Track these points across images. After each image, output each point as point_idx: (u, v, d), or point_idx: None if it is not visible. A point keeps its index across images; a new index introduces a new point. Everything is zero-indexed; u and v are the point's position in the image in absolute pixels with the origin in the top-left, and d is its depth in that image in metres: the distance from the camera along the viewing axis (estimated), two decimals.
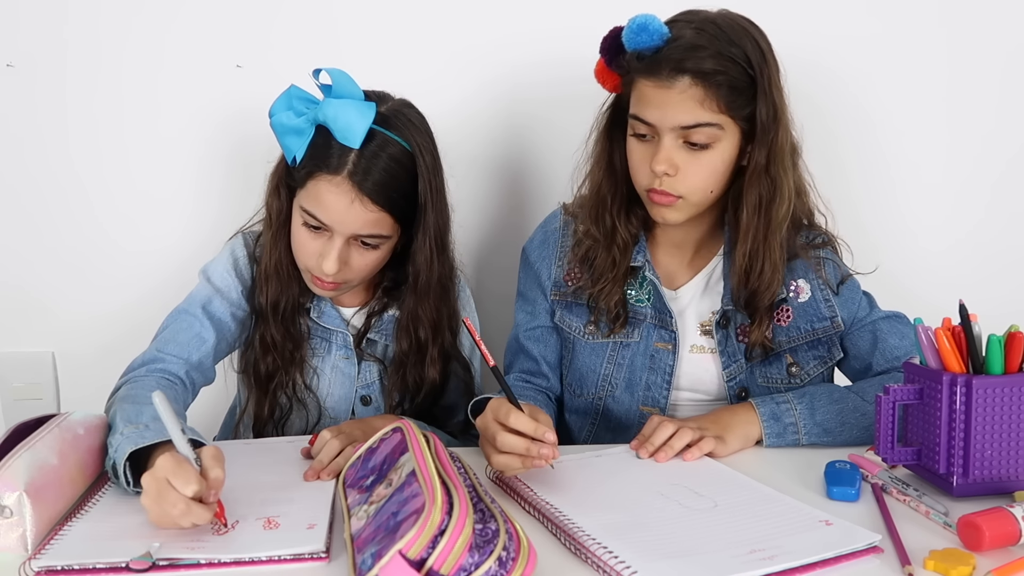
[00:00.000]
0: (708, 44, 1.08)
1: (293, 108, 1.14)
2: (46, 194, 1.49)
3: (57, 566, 0.77)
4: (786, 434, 1.10)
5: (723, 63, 1.08)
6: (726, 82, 1.08)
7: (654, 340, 1.23)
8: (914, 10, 1.55)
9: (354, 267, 1.18)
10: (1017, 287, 1.62)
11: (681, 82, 1.08)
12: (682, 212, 1.16)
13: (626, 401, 1.25)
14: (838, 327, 1.21)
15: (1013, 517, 0.80)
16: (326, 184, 1.12)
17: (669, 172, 1.11)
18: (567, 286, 1.27)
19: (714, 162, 1.12)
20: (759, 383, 1.22)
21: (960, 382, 0.90)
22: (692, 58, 1.07)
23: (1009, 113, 1.59)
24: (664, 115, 1.10)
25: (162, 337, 1.18)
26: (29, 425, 0.93)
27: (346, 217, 1.13)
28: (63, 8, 1.44)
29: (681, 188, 1.13)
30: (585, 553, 0.79)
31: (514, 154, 1.57)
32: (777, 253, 1.16)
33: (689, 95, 1.08)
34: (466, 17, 1.50)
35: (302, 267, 1.21)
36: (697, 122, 1.09)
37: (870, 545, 0.79)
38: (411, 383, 1.27)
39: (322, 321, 1.27)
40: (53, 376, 1.56)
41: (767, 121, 1.11)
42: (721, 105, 1.09)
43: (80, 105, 1.47)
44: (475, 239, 1.59)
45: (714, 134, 1.10)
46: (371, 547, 0.72)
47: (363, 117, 1.11)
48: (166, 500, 0.81)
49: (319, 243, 1.16)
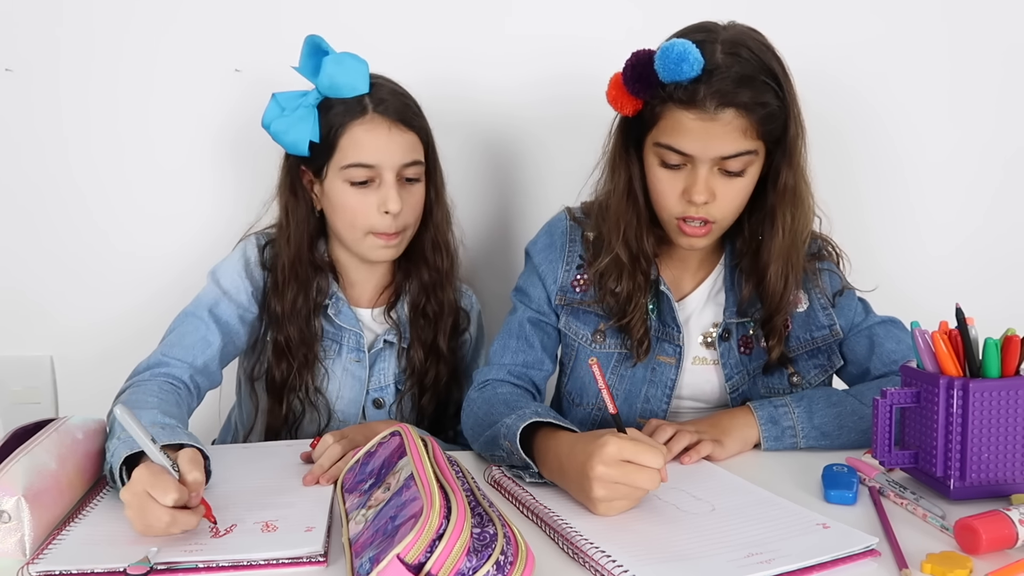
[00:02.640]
0: (751, 73, 1.05)
1: (285, 108, 1.19)
2: (45, 198, 1.50)
3: (55, 571, 0.77)
4: (784, 437, 1.10)
5: (764, 92, 1.06)
6: (766, 111, 1.06)
7: (656, 353, 1.22)
8: (912, 16, 1.55)
9: (408, 208, 1.22)
10: (1014, 292, 1.62)
11: (725, 114, 1.05)
12: (711, 237, 1.15)
13: (624, 412, 1.23)
14: (837, 335, 1.21)
15: (1010, 520, 0.80)
16: (360, 128, 1.18)
17: (708, 200, 1.09)
18: (575, 292, 1.24)
19: (747, 187, 1.12)
20: (762, 393, 1.22)
21: (957, 385, 0.90)
22: (741, 91, 1.04)
23: (1009, 118, 1.59)
24: (706, 147, 1.07)
25: (168, 340, 1.19)
26: (28, 429, 0.93)
27: (390, 145, 1.19)
28: (59, 12, 1.44)
29: (716, 214, 1.11)
30: (581, 556, 0.79)
31: (515, 156, 1.57)
32: (799, 271, 1.18)
33: (734, 126, 1.06)
34: (467, 22, 1.50)
35: (360, 234, 1.22)
36: (738, 151, 1.07)
37: (867, 548, 0.79)
38: (427, 370, 1.29)
39: (339, 319, 1.27)
40: (51, 380, 1.55)
41: (794, 139, 1.10)
42: (760, 131, 1.07)
43: (78, 108, 1.47)
44: (475, 241, 1.59)
45: (750, 160, 1.09)
46: (369, 551, 0.72)
47: (360, 63, 1.19)
48: (149, 513, 0.80)
49: (372, 195, 1.20)
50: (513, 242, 1.58)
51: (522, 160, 1.57)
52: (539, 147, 1.55)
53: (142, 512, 0.81)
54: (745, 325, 1.21)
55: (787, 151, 1.11)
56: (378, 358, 1.30)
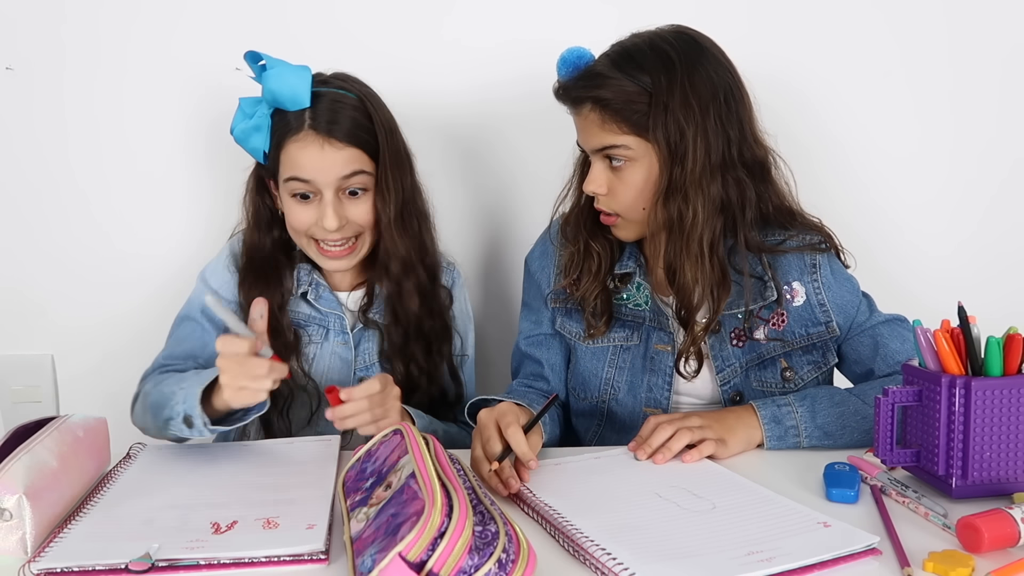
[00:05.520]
0: (607, 72, 1.13)
1: (247, 114, 1.21)
2: (44, 197, 1.50)
3: (57, 568, 0.77)
4: (787, 437, 1.10)
5: (614, 91, 1.12)
6: (624, 106, 1.12)
7: (654, 342, 1.25)
8: (917, 14, 1.55)
9: (354, 220, 1.22)
10: (1016, 290, 1.62)
11: (584, 107, 1.15)
12: (627, 230, 1.21)
13: (629, 403, 1.26)
14: (833, 332, 1.21)
15: (1012, 519, 0.80)
16: (295, 145, 1.18)
17: (599, 191, 1.17)
18: (565, 293, 1.29)
19: (635, 180, 1.15)
20: (754, 387, 1.22)
21: (959, 384, 0.90)
22: (588, 87, 1.14)
23: (1011, 117, 1.59)
24: (583, 139, 1.19)
25: (169, 345, 1.26)
26: (29, 428, 0.93)
27: (323, 163, 1.18)
28: (61, 11, 1.44)
29: (616, 206, 1.18)
30: (583, 555, 0.79)
31: (516, 160, 1.57)
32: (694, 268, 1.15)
33: (591, 120, 1.15)
34: (466, 24, 1.51)
35: (306, 243, 1.25)
36: (604, 144, 1.15)
37: (868, 547, 0.79)
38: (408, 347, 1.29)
39: (319, 304, 1.29)
40: (52, 379, 1.56)
41: (675, 137, 1.12)
42: (623, 127, 1.13)
43: (78, 108, 1.48)
44: (475, 244, 1.59)
45: (627, 154, 1.14)
46: (371, 549, 0.72)
47: (300, 75, 1.18)
48: (248, 366, 0.99)
49: (312, 210, 1.21)
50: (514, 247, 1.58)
51: (523, 165, 1.57)
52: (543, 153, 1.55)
53: (242, 366, 0.99)
54: (737, 317, 1.22)
55: (673, 151, 1.12)
56: (361, 338, 1.31)
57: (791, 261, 1.21)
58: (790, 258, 1.21)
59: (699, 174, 1.12)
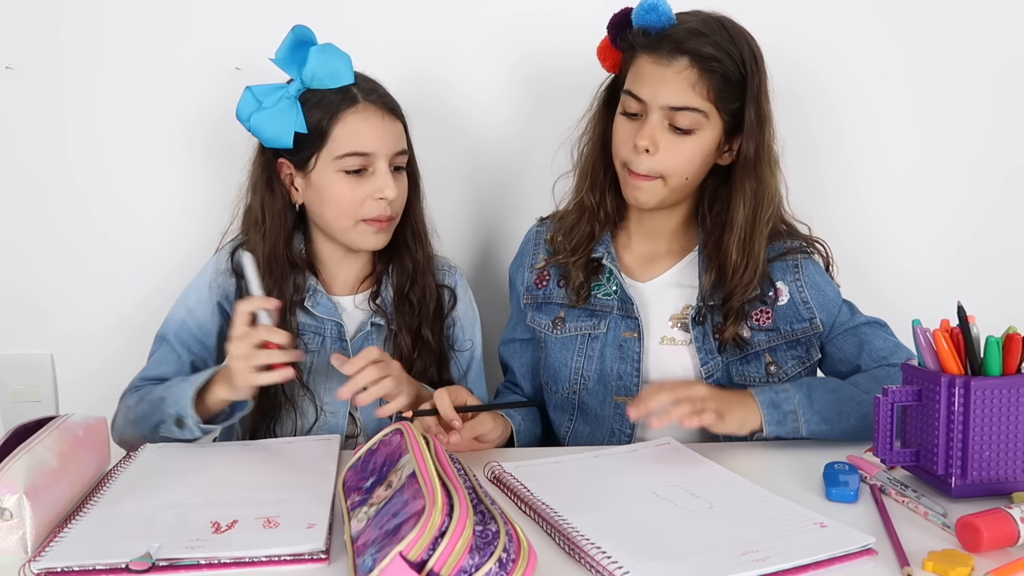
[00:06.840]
0: (710, 33, 1.13)
1: (262, 102, 1.19)
2: (43, 196, 1.50)
3: (57, 568, 0.77)
4: (786, 422, 1.10)
5: (721, 53, 1.13)
6: (720, 71, 1.13)
7: (621, 330, 1.25)
8: (917, 16, 1.54)
9: (399, 195, 1.23)
10: (1015, 290, 1.62)
11: (679, 62, 1.13)
12: (656, 195, 1.19)
13: (600, 393, 1.26)
14: (817, 328, 1.23)
15: (1011, 518, 0.80)
16: (354, 116, 1.19)
17: (650, 149, 1.15)
18: (537, 288, 1.32)
19: (694, 148, 1.16)
20: (735, 381, 1.23)
21: (958, 383, 0.90)
22: (693, 41, 1.12)
23: (1011, 121, 1.59)
24: (656, 92, 1.14)
25: (148, 366, 1.26)
26: (29, 427, 0.93)
27: (385, 133, 1.21)
28: (60, 10, 1.44)
29: (659, 167, 1.16)
30: (579, 553, 0.79)
31: (514, 163, 1.57)
32: (759, 253, 1.20)
33: (684, 76, 1.13)
34: (468, 22, 1.50)
35: (351, 223, 1.22)
36: (685, 104, 1.14)
37: (864, 547, 0.79)
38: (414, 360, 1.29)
39: (316, 311, 1.26)
40: (52, 378, 1.56)
41: (754, 122, 1.16)
42: (711, 93, 1.13)
43: (77, 108, 1.47)
44: (474, 245, 1.59)
45: (698, 121, 1.15)
46: (372, 549, 0.72)
47: (343, 53, 1.20)
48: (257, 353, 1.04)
49: (365, 184, 1.21)
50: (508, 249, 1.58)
51: (521, 169, 1.56)
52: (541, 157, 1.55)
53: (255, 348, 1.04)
54: (718, 309, 1.22)
55: (746, 129, 1.16)
56: (363, 344, 1.27)
57: (775, 263, 1.24)
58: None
59: (773, 161, 1.19)
